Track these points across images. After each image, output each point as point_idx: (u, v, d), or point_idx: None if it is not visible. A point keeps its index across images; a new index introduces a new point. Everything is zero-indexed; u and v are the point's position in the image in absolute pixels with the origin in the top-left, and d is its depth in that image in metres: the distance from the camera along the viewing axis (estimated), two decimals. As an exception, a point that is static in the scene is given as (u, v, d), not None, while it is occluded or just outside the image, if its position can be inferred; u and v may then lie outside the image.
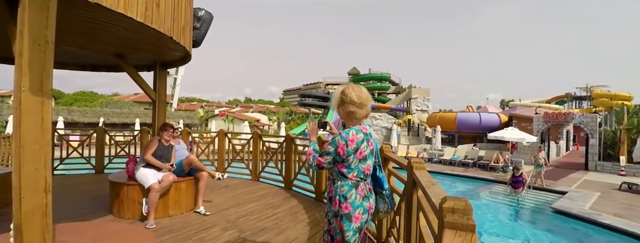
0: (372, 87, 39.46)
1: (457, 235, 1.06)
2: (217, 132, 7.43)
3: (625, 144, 15.67)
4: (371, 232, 3.67)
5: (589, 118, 16.98)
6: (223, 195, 5.35)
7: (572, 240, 7.26)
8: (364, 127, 1.89)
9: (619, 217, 8.04)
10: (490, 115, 23.49)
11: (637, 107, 21.76)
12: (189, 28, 3.99)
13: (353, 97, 1.86)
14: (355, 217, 1.82)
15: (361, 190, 1.86)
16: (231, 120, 32.05)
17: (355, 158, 1.83)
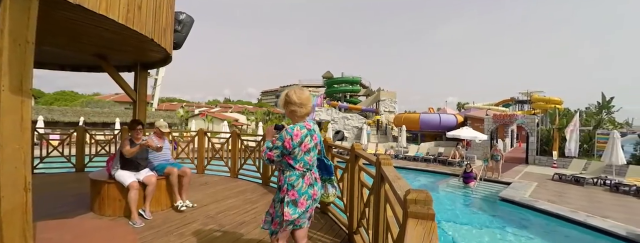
0: (344, 90, 39.85)
1: (419, 223, 1.10)
2: (197, 131, 7.22)
3: (557, 141, 16.81)
4: (343, 223, 3.71)
5: (529, 119, 18.06)
6: (203, 192, 5.21)
7: (516, 224, 7.69)
8: (308, 124, 2.07)
9: (551, 203, 8.62)
10: (449, 116, 24.34)
11: (566, 109, 23.35)
12: (170, 30, 3.85)
13: (294, 98, 2.03)
14: (301, 202, 2.01)
15: (307, 179, 2.05)
16: (211, 120, 31.22)
17: (300, 150, 2.00)
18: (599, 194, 10.02)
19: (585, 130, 17.57)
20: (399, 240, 1.53)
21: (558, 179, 12.29)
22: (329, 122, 27.79)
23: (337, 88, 40.35)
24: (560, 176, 12.39)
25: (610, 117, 22.76)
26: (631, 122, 29.71)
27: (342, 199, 3.79)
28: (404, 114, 27.53)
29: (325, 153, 2.37)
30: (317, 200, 2.15)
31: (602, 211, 7.91)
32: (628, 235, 6.25)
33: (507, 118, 19.02)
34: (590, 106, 27.31)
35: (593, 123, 18.52)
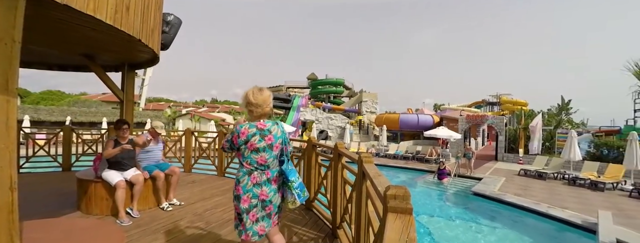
0: (328, 91, 39.91)
1: (398, 217, 1.12)
2: (184, 131, 7.07)
3: (522, 140, 17.51)
4: (327, 219, 3.72)
5: (498, 119, 18.69)
6: (190, 190, 5.10)
7: (486, 216, 7.96)
8: (263, 124, 2.02)
9: (518, 196, 8.97)
10: (426, 116, 24.82)
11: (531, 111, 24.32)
12: (158, 31, 3.75)
13: (251, 99, 2.00)
14: (244, 199, 1.97)
15: (254, 177, 1.98)
16: (198, 120, 30.59)
17: (247, 148, 1.98)
18: (558, 187, 10.49)
19: (547, 129, 18.36)
20: (379, 234, 1.55)
21: (523, 174, 12.80)
22: (313, 122, 27.80)
23: (321, 89, 40.39)
24: (525, 171, 12.90)
25: (569, 118, 23.89)
26: (586, 122, 31.27)
27: (326, 196, 3.81)
28: (384, 115, 27.87)
29: (336, 161, 2.29)
30: (270, 203, 2.02)
31: (561, 202, 8.30)
32: (583, 224, 6.60)
33: (479, 118, 19.62)
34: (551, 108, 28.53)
35: (554, 124, 19.41)
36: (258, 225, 2.01)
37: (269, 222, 2.06)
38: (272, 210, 2.06)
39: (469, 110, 24.83)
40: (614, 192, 9.96)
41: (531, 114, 22.11)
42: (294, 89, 51.93)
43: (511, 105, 28.86)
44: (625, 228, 6.15)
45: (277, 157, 2.09)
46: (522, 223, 7.36)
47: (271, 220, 2.08)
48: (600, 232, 5.67)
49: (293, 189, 2.05)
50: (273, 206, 2.06)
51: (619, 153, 13.45)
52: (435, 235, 6.66)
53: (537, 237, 6.56)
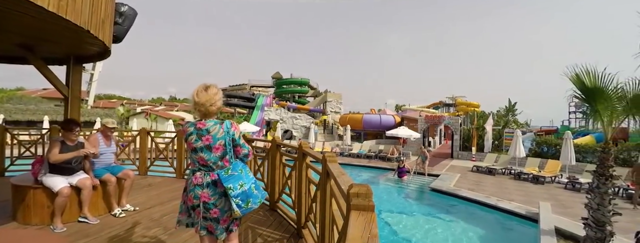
0: (293, 91, 39.74)
1: (360, 214, 1.15)
2: (139, 131, 6.61)
3: (475, 138, 18.85)
4: (291, 219, 3.71)
5: (453, 120, 19.93)
6: (146, 194, 4.79)
7: (443, 210, 8.44)
8: (203, 123, 1.96)
9: (471, 190, 9.63)
10: (388, 116, 25.71)
11: (482, 112, 26.34)
12: (110, 22, 3.47)
13: (194, 97, 1.96)
14: (189, 197, 1.96)
15: (196, 178, 1.93)
16: (154, 119, 28.77)
17: (187, 148, 1.99)
18: (506, 182, 11.44)
19: (496, 129, 19.93)
20: (343, 231, 1.58)
21: (476, 170, 13.77)
22: (278, 121, 27.53)
23: (286, 89, 40.13)
24: (477, 168, 13.90)
25: (515, 119, 26.22)
26: (529, 122, 34.50)
27: (291, 196, 3.80)
28: (348, 115, 28.40)
29: (300, 161, 2.20)
30: (214, 207, 1.90)
31: (509, 195, 9.06)
32: (526, 214, 7.27)
33: (437, 119, 20.75)
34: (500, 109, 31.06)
35: (502, 124, 21.14)
36: (207, 223, 1.95)
37: (218, 227, 1.93)
38: (219, 215, 1.91)
39: (427, 111, 26.19)
40: (552, 184, 11.09)
41: (483, 114, 23.93)
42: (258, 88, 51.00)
43: (465, 107, 30.96)
44: (562, 216, 6.88)
45: (222, 159, 1.95)
46: (475, 216, 7.92)
47: (220, 226, 1.93)
48: (541, 221, 6.30)
49: (231, 198, 1.86)
50: (219, 211, 1.91)
51: (556, 150, 14.99)
52: (397, 230, 6.94)
53: (488, 227, 7.11)
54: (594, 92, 4.84)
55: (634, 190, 8.33)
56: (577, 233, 5.54)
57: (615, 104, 4.80)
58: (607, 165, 4.90)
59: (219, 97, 1.99)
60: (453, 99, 35.19)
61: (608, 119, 4.93)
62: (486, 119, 18.77)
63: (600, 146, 5.16)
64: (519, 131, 14.47)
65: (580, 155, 13.89)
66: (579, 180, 10.38)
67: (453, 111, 31.90)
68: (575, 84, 5.02)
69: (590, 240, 4.86)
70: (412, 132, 17.50)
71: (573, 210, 7.47)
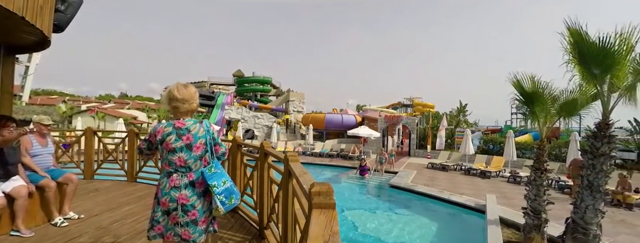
0: (255, 89, 39.01)
1: (322, 212, 1.16)
2: (84, 130, 6.03)
3: (430, 137, 20.01)
4: (253, 220, 3.63)
5: (411, 120, 20.96)
6: (92, 200, 4.38)
7: (401, 205, 8.83)
8: (181, 123, 1.91)
9: (426, 186, 10.19)
10: (349, 116, 26.26)
11: (437, 112, 28.07)
12: (50, 9, 3.11)
13: (175, 93, 1.89)
14: (162, 202, 1.85)
15: (173, 180, 1.86)
16: (102, 117, 26.42)
17: (163, 148, 1.87)
18: (457, 177, 12.29)
19: (448, 128, 21.31)
20: (305, 230, 1.58)
21: (431, 167, 14.61)
22: (239, 120, 26.82)
23: (248, 87, 39.29)
24: (432, 165, 14.75)
25: (465, 119, 28.26)
26: (478, 122, 37.35)
27: (252, 196, 3.72)
28: (311, 114, 28.51)
29: (262, 161, 2.16)
30: (193, 208, 1.86)
31: (460, 189, 9.74)
32: (475, 206, 7.87)
33: (395, 119, 21.65)
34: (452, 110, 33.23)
35: (454, 123, 22.68)
36: (182, 229, 1.85)
37: (195, 229, 1.87)
38: (198, 216, 1.88)
39: (386, 111, 27.19)
40: (497, 178, 12.13)
41: (437, 115, 25.47)
42: (219, 86, 49.23)
43: (421, 107, 32.69)
44: (505, 207, 7.55)
45: (200, 158, 1.93)
46: (430, 209, 8.40)
47: (198, 227, 1.89)
48: (487, 212, 6.86)
49: (215, 195, 1.88)
50: (198, 212, 1.88)
51: (500, 147, 16.41)
52: (359, 226, 7.12)
53: (442, 220, 7.59)
54: (532, 96, 5.41)
55: (572, 183, 9.38)
56: (518, 222, 6.11)
57: (549, 107, 5.40)
58: (542, 160, 5.50)
59: (197, 96, 1.99)
60: (410, 99, 36.98)
61: (543, 120, 5.53)
62: (440, 120, 20.01)
63: (536, 144, 5.76)
64: (469, 130, 15.66)
65: (521, 152, 15.34)
66: (519, 174, 11.47)
67: (410, 111, 33.50)
68: (516, 88, 5.57)
69: (528, 227, 5.41)
70: (372, 131, 18.07)
71: (515, 201, 8.23)
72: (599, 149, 4.40)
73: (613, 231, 6.11)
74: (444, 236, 6.67)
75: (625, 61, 4.06)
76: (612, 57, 4.06)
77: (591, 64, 4.25)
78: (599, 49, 4.09)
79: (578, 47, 4.31)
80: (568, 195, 9.11)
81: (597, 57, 4.14)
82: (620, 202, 8.22)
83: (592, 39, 4.13)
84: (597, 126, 4.51)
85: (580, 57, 4.36)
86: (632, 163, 12.71)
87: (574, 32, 4.28)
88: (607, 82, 4.30)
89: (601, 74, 4.26)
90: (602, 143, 4.39)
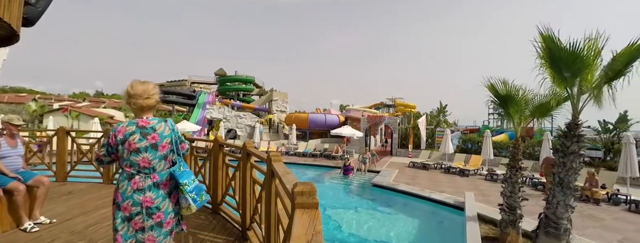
0: (237, 88, 38.40)
1: (305, 212, 1.17)
2: (57, 130, 5.75)
3: (412, 137, 20.41)
4: (236, 221, 3.58)
5: (393, 119, 21.29)
6: (65, 203, 4.19)
7: (384, 203, 8.95)
8: (145, 121, 1.84)
9: (408, 184, 10.39)
10: (333, 116, 26.36)
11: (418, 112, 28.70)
12: (19, 1, 2.94)
13: (129, 89, 1.83)
14: (124, 207, 1.76)
15: (135, 182, 1.77)
16: (76, 117, 25.27)
17: (125, 149, 1.78)
18: (437, 176, 12.59)
19: (429, 128, 21.81)
20: (288, 230, 1.58)
21: (412, 166, 14.90)
22: (221, 120, 26.37)
23: (230, 86, 38.59)
24: (413, 164, 15.05)
25: (445, 119, 29.03)
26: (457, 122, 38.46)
27: (235, 197, 3.67)
28: (294, 114, 28.41)
29: (245, 161, 2.12)
30: (158, 210, 1.80)
31: (440, 187, 9.99)
32: (455, 203, 8.10)
33: (378, 118, 21.93)
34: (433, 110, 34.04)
35: (434, 123, 23.23)
36: (146, 235, 1.78)
37: (160, 231, 1.82)
38: (163, 218, 1.82)
39: (369, 111, 27.48)
40: (475, 176, 12.52)
41: (418, 115, 26.05)
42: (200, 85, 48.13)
43: (403, 108, 33.27)
44: (483, 204, 7.80)
45: (165, 158, 1.87)
46: (411, 207, 8.57)
47: (164, 229, 1.84)
48: (466, 209, 7.07)
49: (186, 193, 1.84)
50: (163, 214, 1.82)
51: (478, 146, 16.94)
52: (342, 225, 7.16)
53: (423, 217, 7.76)
54: (506, 99, 5.64)
55: (545, 181, 9.81)
56: (495, 218, 6.34)
57: (523, 108, 5.64)
58: (517, 159, 5.73)
59: (156, 91, 1.90)
60: (392, 100, 37.53)
61: (518, 120, 5.76)
62: (420, 119, 20.47)
63: (512, 143, 6.00)
64: (448, 130, 16.10)
65: (497, 151, 15.90)
66: (496, 172, 11.90)
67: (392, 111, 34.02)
68: (490, 91, 5.80)
69: (505, 223, 5.62)
70: (355, 131, 18.22)
71: (492, 198, 8.53)
72: (569, 148, 4.63)
73: (582, 225, 6.44)
74: (424, 233, 6.83)
75: (593, 65, 4.29)
76: (581, 61, 4.29)
77: (562, 67, 4.48)
78: (569, 54, 4.31)
79: (550, 51, 4.52)
80: (541, 191, 9.54)
81: (568, 61, 4.36)
82: (589, 197, 8.69)
83: (563, 44, 4.35)
84: (567, 126, 4.75)
85: (551, 61, 4.58)
86: (599, 161, 13.46)
87: (546, 38, 4.48)
88: (577, 85, 4.54)
89: (571, 77, 4.49)
90: (572, 143, 4.63)
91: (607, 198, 8.68)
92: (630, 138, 8.78)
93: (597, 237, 5.85)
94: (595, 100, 4.46)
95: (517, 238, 5.46)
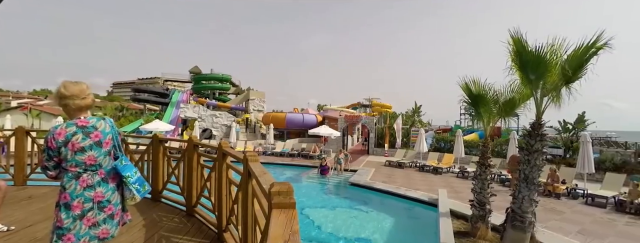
0: (213, 87, 37.43)
1: (282, 212, 1.15)
2: (15, 130, 5.34)
3: (387, 136, 20.86)
4: (211, 223, 3.49)
5: (370, 119, 21.65)
6: (25, 209, 3.89)
7: (361, 202, 9.09)
8: (84, 121, 1.86)
9: (384, 183, 10.63)
10: (310, 116, 26.37)
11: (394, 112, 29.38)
12: None
13: (62, 90, 1.82)
14: (74, 205, 1.78)
15: (83, 180, 1.82)
16: (37, 115, 23.62)
17: (68, 150, 1.79)
18: (412, 174, 12.95)
19: (404, 128, 22.37)
20: (265, 231, 1.56)
21: (388, 165, 15.23)
22: (195, 119, 25.62)
23: (206, 85, 37.53)
24: (389, 162, 15.39)
25: (419, 119, 29.91)
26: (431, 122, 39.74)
27: (210, 199, 3.58)
28: (271, 113, 28.17)
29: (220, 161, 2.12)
30: (109, 203, 1.88)
31: (415, 185, 10.28)
32: (429, 200, 8.37)
33: (355, 118, 22.22)
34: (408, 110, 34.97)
35: (409, 123, 23.86)
36: (99, 229, 1.83)
37: (112, 223, 1.90)
38: (114, 210, 1.91)
39: (347, 111, 27.76)
40: (448, 174, 13.00)
41: (394, 115, 26.68)
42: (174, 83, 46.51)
43: (380, 108, 33.90)
44: (455, 200, 8.12)
45: (109, 154, 1.94)
46: (388, 205, 8.76)
47: (115, 220, 1.92)
48: (439, 205, 7.32)
49: (130, 185, 1.95)
50: (113, 206, 1.91)
51: (450, 145, 17.59)
52: (320, 224, 7.18)
53: (399, 214, 7.96)
54: (477, 98, 5.89)
55: (511, 177, 10.33)
56: (466, 213, 6.61)
57: (492, 108, 5.92)
58: (486, 157, 6.01)
59: (90, 91, 1.91)
60: (369, 100, 38.15)
61: (487, 120, 6.04)
62: (396, 119, 20.96)
63: (481, 142, 6.29)
64: (423, 130, 16.58)
65: (468, 149, 16.59)
66: (467, 170, 12.42)
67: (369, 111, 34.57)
68: (464, 91, 6.03)
69: (475, 218, 5.88)
70: (332, 131, 18.34)
71: (463, 194, 8.89)
72: (533, 146, 4.92)
73: (544, 218, 6.86)
74: (400, 229, 7.00)
75: (554, 69, 4.58)
76: (545, 65, 4.56)
77: (529, 70, 4.74)
78: (535, 57, 4.58)
79: (519, 54, 4.77)
80: (508, 187, 10.06)
81: (534, 64, 4.62)
82: (550, 192, 9.28)
83: (530, 47, 4.61)
84: (531, 126, 5.04)
85: (520, 64, 4.83)
86: (559, 159, 14.40)
87: (516, 41, 4.72)
88: (541, 87, 4.82)
89: (536, 80, 4.76)
90: (536, 141, 4.91)
91: (567, 193, 9.30)
92: (587, 137, 9.46)
93: (558, 229, 6.26)
94: (555, 101, 4.77)
95: (487, 232, 5.74)
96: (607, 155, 13.08)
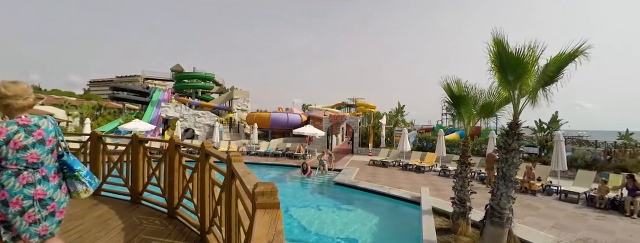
0: (196, 86, 36.64)
1: (266, 212, 1.14)
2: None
3: (372, 136, 21.10)
4: (194, 225, 3.42)
5: (354, 119, 21.81)
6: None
7: (345, 201, 9.16)
8: (25, 120, 1.87)
9: (368, 182, 10.74)
10: (295, 115, 26.29)
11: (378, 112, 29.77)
12: None
13: (2, 90, 1.82)
14: (13, 202, 1.80)
15: (23, 178, 1.83)
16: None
17: (9, 148, 1.80)
18: (396, 173, 13.15)
19: (388, 127, 22.68)
20: (249, 231, 1.54)
21: (372, 164, 15.39)
22: (177, 119, 25.02)
23: (188, 83, 36.67)
24: (373, 161, 15.57)
25: (403, 119, 30.42)
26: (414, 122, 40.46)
27: (193, 200, 3.50)
28: (256, 113, 27.88)
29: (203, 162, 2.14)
30: (52, 200, 1.91)
31: (398, 184, 10.44)
32: (412, 198, 8.53)
33: (340, 118, 22.33)
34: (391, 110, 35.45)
35: (393, 123, 24.20)
36: (40, 226, 1.86)
37: (53, 220, 1.92)
38: (56, 207, 1.94)
39: (331, 110, 27.85)
40: (430, 173, 13.28)
41: (379, 115, 27.01)
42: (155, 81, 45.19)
43: (364, 108, 34.23)
44: (437, 198, 8.30)
45: (51, 152, 1.97)
46: (372, 203, 8.85)
47: (56, 218, 1.95)
48: (422, 203, 7.47)
49: (82, 178, 2.05)
50: (57, 203, 1.94)
51: (432, 144, 17.97)
52: (304, 223, 7.18)
53: (383, 212, 8.08)
54: (458, 99, 6.05)
55: (487, 174, 10.67)
56: (448, 210, 6.78)
57: (472, 108, 6.09)
58: (467, 155, 6.18)
59: (31, 91, 1.93)
60: (354, 100, 38.45)
61: (467, 120, 6.21)
62: (380, 118, 21.23)
63: (462, 141, 6.46)
64: (406, 129, 16.86)
65: (449, 148, 16.99)
66: (448, 168, 12.73)
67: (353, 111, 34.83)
68: (446, 91, 6.18)
69: (456, 215, 6.04)
70: (317, 130, 18.36)
71: (445, 192, 9.10)
72: (511, 145, 5.09)
73: (521, 214, 7.13)
74: (384, 227, 7.09)
75: (531, 71, 4.76)
76: (523, 67, 4.73)
77: (508, 71, 4.90)
78: (514, 59, 4.73)
79: (499, 56, 4.92)
80: (487, 185, 10.40)
81: (513, 65, 4.78)
82: (527, 189, 9.65)
83: (511, 49, 4.76)
84: (509, 126, 5.21)
85: (500, 65, 4.98)
86: (535, 157, 14.99)
87: (498, 42, 4.87)
88: (518, 88, 5.00)
89: (514, 81, 4.92)
90: (513, 140, 5.09)
91: (542, 189, 9.71)
92: (560, 137, 9.89)
93: (534, 224, 6.51)
94: (532, 102, 4.95)
95: (467, 228, 5.90)
96: (578, 154, 13.74)
